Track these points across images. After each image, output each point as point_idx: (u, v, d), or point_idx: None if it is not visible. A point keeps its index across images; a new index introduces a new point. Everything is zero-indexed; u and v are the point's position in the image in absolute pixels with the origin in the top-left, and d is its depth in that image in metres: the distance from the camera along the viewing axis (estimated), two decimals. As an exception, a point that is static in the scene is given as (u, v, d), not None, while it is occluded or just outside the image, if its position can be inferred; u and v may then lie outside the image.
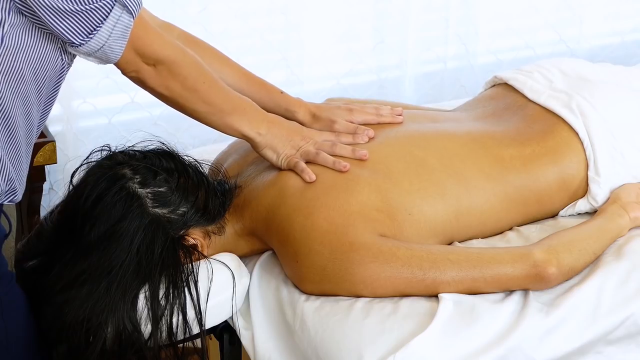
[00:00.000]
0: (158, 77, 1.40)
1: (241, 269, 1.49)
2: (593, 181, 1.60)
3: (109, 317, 1.35)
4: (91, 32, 1.25)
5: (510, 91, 1.77)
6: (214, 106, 1.47)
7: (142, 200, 1.39)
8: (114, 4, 1.26)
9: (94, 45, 1.27)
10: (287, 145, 1.53)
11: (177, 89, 1.42)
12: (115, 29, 1.27)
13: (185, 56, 1.42)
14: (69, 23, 1.23)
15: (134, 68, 1.37)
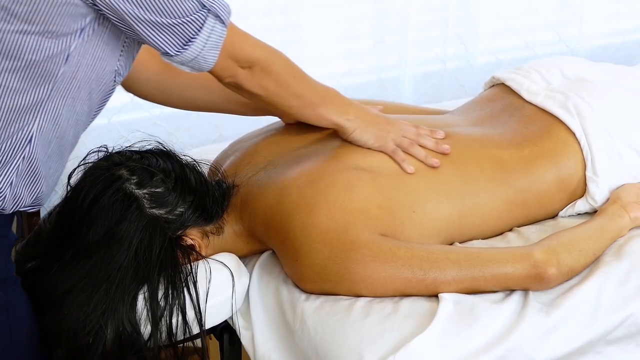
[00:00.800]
0: (253, 78, 1.43)
1: (240, 269, 1.49)
2: (591, 181, 1.60)
3: (108, 319, 1.34)
4: (186, 44, 1.30)
5: (507, 92, 1.77)
6: (305, 99, 1.52)
7: (139, 201, 1.39)
8: (207, 15, 1.30)
9: (189, 56, 1.31)
10: (375, 128, 1.56)
11: (272, 86, 1.46)
12: (209, 39, 1.31)
13: (274, 53, 1.46)
14: (165, 35, 1.28)
15: (231, 74, 1.41)
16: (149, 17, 1.25)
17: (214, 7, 1.30)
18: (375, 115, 1.59)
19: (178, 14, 1.26)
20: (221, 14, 1.31)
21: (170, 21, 1.26)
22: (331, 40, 2.42)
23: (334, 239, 1.39)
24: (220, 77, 1.42)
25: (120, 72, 1.36)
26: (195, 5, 1.28)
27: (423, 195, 1.49)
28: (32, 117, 1.25)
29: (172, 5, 1.26)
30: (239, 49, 1.39)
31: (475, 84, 2.57)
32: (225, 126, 2.32)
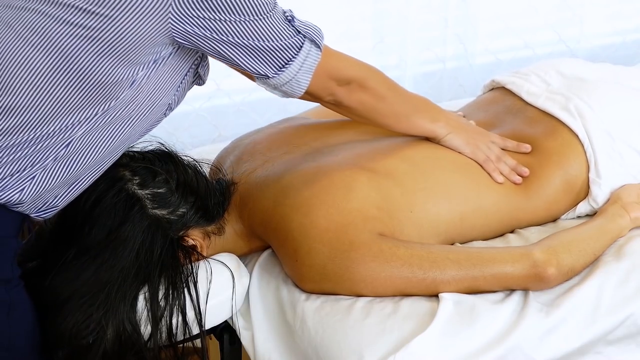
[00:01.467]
0: (352, 95, 1.47)
1: (241, 269, 1.49)
2: (594, 183, 1.60)
3: (109, 319, 1.34)
4: (282, 67, 1.35)
5: (508, 94, 1.78)
6: (400, 111, 1.56)
7: (142, 202, 1.39)
8: (304, 41, 1.35)
9: (284, 78, 1.36)
10: (466, 134, 1.61)
11: (368, 100, 1.50)
12: (305, 63, 1.36)
13: (369, 69, 1.51)
14: (262, 59, 1.33)
15: (330, 92, 1.45)
16: (248, 42, 1.30)
17: (309, 32, 1.36)
18: (464, 122, 1.64)
19: (276, 39, 1.32)
20: (316, 39, 1.37)
21: (269, 45, 1.31)
22: (331, 40, 2.39)
23: (332, 239, 1.39)
24: (319, 97, 1.46)
25: (172, 107, 1.39)
26: (292, 31, 1.34)
27: (421, 196, 1.49)
28: (79, 125, 1.27)
29: (270, 31, 1.31)
30: (335, 69, 1.43)
31: (475, 84, 2.57)
32: (225, 126, 2.33)
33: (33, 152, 1.25)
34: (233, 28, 1.28)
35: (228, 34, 1.28)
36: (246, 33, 1.29)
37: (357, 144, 1.60)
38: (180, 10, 1.23)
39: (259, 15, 1.29)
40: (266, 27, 1.30)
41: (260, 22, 1.29)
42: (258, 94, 2.36)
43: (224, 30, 1.27)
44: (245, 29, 1.28)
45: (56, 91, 1.23)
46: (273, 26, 1.31)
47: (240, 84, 2.32)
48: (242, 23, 1.28)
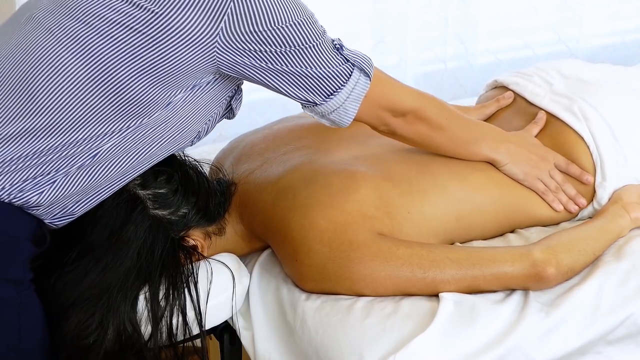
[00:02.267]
0: (407, 126, 1.47)
1: (241, 269, 1.49)
2: (600, 186, 1.60)
3: (110, 319, 1.34)
4: (330, 95, 1.35)
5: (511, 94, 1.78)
6: (458, 139, 1.55)
7: (143, 202, 1.39)
8: (353, 69, 1.36)
9: (332, 106, 1.36)
10: (526, 164, 1.58)
11: (425, 131, 1.49)
12: (353, 91, 1.36)
13: (426, 99, 1.50)
14: (310, 87, 1.33)
15: (384, 122, 1.45)
16: (296, 70, 1.30)
17: (357, 61, 1.37)
18: (528, 152, 1.60)
19: (325, 67, 1.32)
20: (365, 68, 1.37)
21: (317, 72, 1.32)
22: (331, 40, 2.41)
23: (332, 239, 1.39)
24: (374, 126, 1.47)
25: (200, 136, 1.40)
26: (340, 59, 1.35)
27: (417, 198, 1.48)
28: (108, 138, 1.27)
29: (318, 59, 1.31)
30: (388, 99, 1.43)
31: (475, 84, 2.57)
32: (225, 126, 2.31)
33: (59, 159, 1.25)
34: (282, 58, 1.28)
35: (276, 63, 1.28)
36: (295, 62, 1.29)
37: (354, 145, 1.60)
38: (228, 41, 1.24)
39: (308, 43, 1.29)
40: (315, 55, 1.31)
41: (309, 51, 1.30)
42: (258, 94, 2.35)
43: (272, 60, 1.28)
44: (293, 58, 1.29)
45: (89, 101, 1.23)
46: (322, 54, 1.31)
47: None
48: (291, 52, 1.28)
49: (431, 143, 1.52)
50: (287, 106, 2.37)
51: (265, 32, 1.25)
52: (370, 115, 1.42)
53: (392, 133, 1.48)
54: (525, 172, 1.58)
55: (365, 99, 1.38)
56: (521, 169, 1.58)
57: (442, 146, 1.54)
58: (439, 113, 1.50)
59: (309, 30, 1.29)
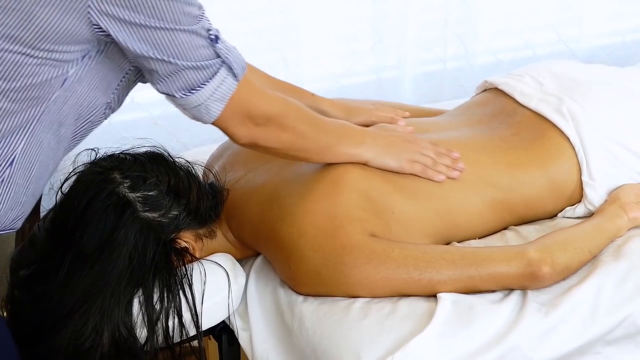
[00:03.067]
0: (270, 134, 1.39)
1: (236, 269, 1.49)
2: (588, 185, 1.60)
3: (105, 324, 1.34)
4: (193, 89, 1.27)
5: (500, 96, 1.77)
6: (323, 144, 1.48)
7: (133, 205, 1.38)
8: (221, 66, 1.28)
9: (193, 102, 1.29)
10: (393, 150, 1.54)
11: (289, 138, 1.42)
12: (217, 90, 1.29)
13: (288, 105, 1.43)
14: (172, 77, 1.25)
15: (247, 133, 1.36)
16: (160, 57, 1.23)
17: (228, 59, 1.29)
18: (390, 136, 1.57)
19: (191, 59, 1.24)
20: (235, 68, 1.30)
21: (182, 64, 1.24)
22: (330, 40, 2.42)
23: (323, 245, 1.38)
24: (234, 135, 1.37)
25: (112, 106, 1.36)
26: (209, 53, 1.26)
27: (395, 199, 1.48)
28: (18, 139, 1.23)
29: (186, 48, 1.23)
30: (254, 105, 1.35)
31: (475, 84, 2.54)
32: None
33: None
34: (149, 35, 1.21)
35: (143, 40, 1.21)
36: (154, 44, 1.21)
37: None
38: (97, 5, 1.17)
39: (176, 25, 1.21)
40: (182, 42, 1.23)
41: (176, 34, 1.22)
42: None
43: (138, 35, 1.21)
44: (160, 38, 1.21)
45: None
46: (190, 41, 1.23)
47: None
48: (159, 31, 1.21)
49: (296, 151, 1.45)
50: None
51: None
52: (233, 121, 1.33)
53: (254, 144, 1.39)
54: (395, 157, 1.53)
55: (231, 102, 1.31)
56: (392, 158, 1.53)
57: (306, 152, 1.47)
58: (302, 119, 1.44)
59: (180, 7, 1.21)
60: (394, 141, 1.56)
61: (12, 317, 1.41)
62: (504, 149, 1.61)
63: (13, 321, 1.40)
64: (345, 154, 1.50)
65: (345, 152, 1.50)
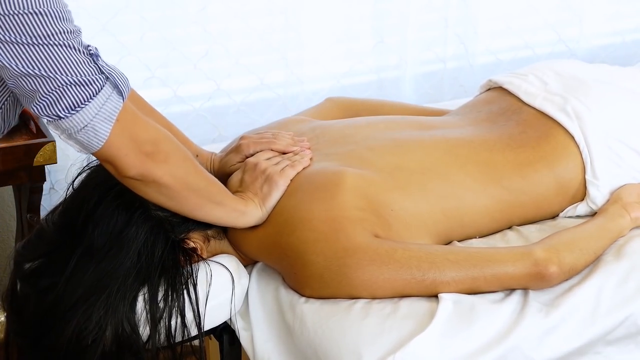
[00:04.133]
0: (160, 166, 1.29)
1: (240, 270, 1.49)
2: (591, 184, 1.60)
3: (109, 320, 1.34)
4: (77, 107, 1.18)
5: (505, 95, 1.77)
6: (212, 190, 1.40)
7: (145, 203, 1.39)
8: (105, 83, 1.20)
9: (77, 122, 1.19)
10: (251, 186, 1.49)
11: (180, 173, 1.33)
12: (103, 108, 1.20)
13: (171, 139, 1.34)
14: (53, 95, 1.17)
15: (137, 162, 1.26)
16: (40, 73, 1.14)
17: (112, 75, 1.21)
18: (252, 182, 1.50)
19: (72, 74, 1.16)
20: (120, 85, 1.22)
21: (64, 79, 1.16)
22: (331, 40, 2.41)
23: (325, 248, 1.38)
24: (124, 169, 1.26)
25: (3, 127, 1.33)
26: (92, 69, 1.19)
27: (397, 196, 1.48)
28: None
29: (66, 62, 1.16)
30: (142, 129, 1.26)
31: (475, 84, 2.55)
32: (225, 126, 2.33)
33: None
34: (18, 53, 1.13)
35: (13, 58, 1.13)
36: (33, 60, 1.13)
37: (327, 143, 1.59)
38: None
39: (51, 39, 1.14)
40: (59, 55, 1.15)
41: (51, 48, 1.14)
42: (258, 94, 2.36)
43: (10, 54, 1.13)
44: (32, 55, 1.13)
45: None
46: (68, 55, 1.16)
47: (240, 84, 2.33)
48: (30, 47, 1.13)
49: (189, 193, 1.35)
50: (287, 105, 2.37)
51: (2, 17, 1.11)
52: (122, 145, 1.23)
53: (143, 177, 1.28)
54: (247, 182, 1.49)
55: (118, 123, 1.21)
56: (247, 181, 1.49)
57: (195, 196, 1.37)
58: (183, 155, 1.35)
59: (53, 23, 1.13)
60: (246, 179, 1.49)
61: (14, 311, 1.41)
62: (514, 148, 1.61)
63: (15, 315, 1.41)
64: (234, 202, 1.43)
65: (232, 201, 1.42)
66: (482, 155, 1.58)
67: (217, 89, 2.29)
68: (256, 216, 1.46)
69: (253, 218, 1.46)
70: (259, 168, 1.50)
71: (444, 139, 1.61)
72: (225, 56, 2.27)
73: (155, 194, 1.33)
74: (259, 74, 2.34)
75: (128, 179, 1.29)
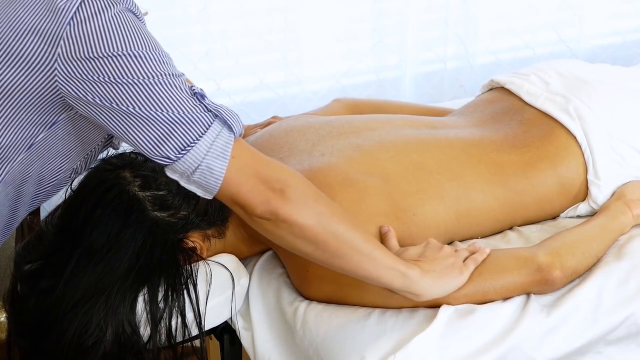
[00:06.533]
0: (291, 204, 1.20)
1: (240, 270, 1.48)
2: (593, 184, 1.60)
3: (109, 321, 1.34)
4: (187, 146, 1.16)
5: (507, 95, 1.77)
6: (358, 242, 1.27)
7: (142, 204, 1.39)
8: (213, 119, 1.17)
9: (191, 163, 1.16)
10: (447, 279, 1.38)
11: (312, 212, 1.22)
12: (214, 145, 1.17)
13: (300, 176, 1.27)
14: (159, 134, 1.15)
15: (263, 199, 1.19)
16: (142, 112, 1.14)
17: (220, 112, 1.18)
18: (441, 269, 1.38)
19: (178, 110, 1.15)
20: (229, 121, 1.18)
21: (168, 117, 1.14)
22: (331, 40, 2.42)
23: None
24: (250, 207, 1.20)
25: (79, 171, 1.34)
26: (198, 107, 1.17)
27: (418, 199, 1.48)
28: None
29: (172, 102, 1.15)
30: (264, 165, 1.21)
31: (475, 84, 2.57)
32: (225, 126, 2.32)
33: None
34: (122, 94, 1.13)
35: (118, 100, 1.13)
36: (138, 101, 1.14)
37: (345, 146, 1.58)
38: (66, 69, 1.12)
39: (153, 79, 1.14)
40: (163, 95, 1.14)
41: (155, 88, 1.14)
42: (258, 94, 2.36)
43: (113, 95, 1.13)
44: (136, 95, 1.13)
45: None
46: (173, 95, 1.15)
47: (241, 84, 2.33)
48: (133, 88, 1.13)
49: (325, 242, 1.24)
50: (287, 105, 2.37)
51: (101, 58, 1.12)
52: (243, 184, 1.18)
53: (275, 215, 1.20)
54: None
55: (235, 161, 1.18)
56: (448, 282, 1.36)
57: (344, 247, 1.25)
58: (324, 200, 1.26)
59: (153, 65, 1.14)
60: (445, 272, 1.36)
61: (15, 312, 1.41)
62: (519, 148, 1.61)
63: (15, 317, 1.41)
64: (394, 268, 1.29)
65: (395, 265, 1.29)
66: (491, 155, 1.58)
67: (217, 89, 2.29)
68: (424, 284, 1.31)
69: (420, 285, 1.30)
70: (444, 251, 1.39)
71: (456, 138, 1.61)
72: (225, 56, 2.27)
73: (290, 236, 1.23)
74: (259, 74, 2.34)
75: (257, 219, 1.22)
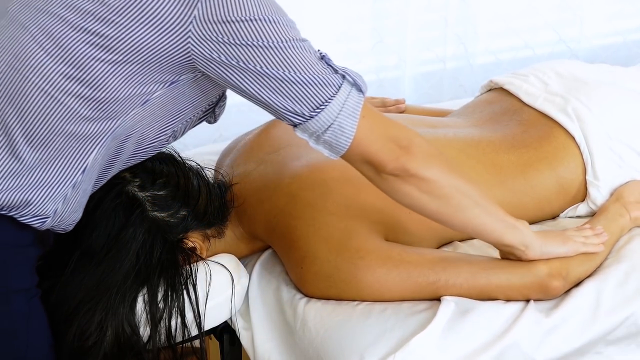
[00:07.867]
0: (418, 160, 1.25)
1: (240, 270, 1.48)
2: (592, 185, 1.60)
3: (109, 321, 1.34)
4: (319, 106, 1.20)
5: (506, 95, 1.77)
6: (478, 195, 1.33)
7: (142, 204, 1.39)
8: (343, 80, 1.22)
9: (323, 121, 1.21)
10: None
11: (440, 167, 1.28)
12: (345, 105, 1.21)
13: (421, 135, 1.31)
14: (293, 94, 1.20)
15: (393, 156, 1.24)
16: (276, 73, 1.18)
17: (347, 73, 1.23)
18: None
19: (309, 72, 1.19)
20: (358, 81, 1.23)
21: (300, 78, 1.19)
22: (330, 40, 2.41)
23: (337, 246, 1.38)
24: (382, 164, 1.25)
25: (176, 135, 1.36)
26: (327, 69, 1.22)
27: None
28: (91, 147, 1.23)
29: (302, 62, 1.19)
30: (391, 125, 1.25)
31: (475, 84, 2.57)
32: (225, 126, 2.32)
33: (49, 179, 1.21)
34: (256, 55, 1.17)
35: (251, 61, 1.17)
36: (271, 62, 1.18)
37: None
38: (201, 30, 1.16)
39: (285, 43, 1.18)
40: (294, 58, 1.19)
41: (286, 51, 1.18)
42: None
43: (247, 57, 1.17)
44: (270, 57, 1.18)
45: (66, 101, 1.18)
46: (302, 58, 1.20)
47: (240, 84, 2.32)
48: (267, 50, 1.18)
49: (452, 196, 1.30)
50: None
51: (237, 22, 1.16)
52: (374, 143, 1.23)
53: (405, 171, 1.25)
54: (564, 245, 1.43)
55: (365, 120, 1.23)
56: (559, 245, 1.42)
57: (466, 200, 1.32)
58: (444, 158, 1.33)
59: (285, 30, 1.19)
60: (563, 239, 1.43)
61: None
62: (518, 148, 1.61)
63: None
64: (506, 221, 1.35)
65: (506, 219, 1.34)
66: (489, 156, 1.58)
67: (217, 89, 2.29)
68: (529, 237, 1.36)
69: (526, 237, 1.36)
70: None
71: (455, 138, 1.61)
72: (225, 56, 2.26)
73: (417, 192, 1.28)
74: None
75: (387, 176, 1.26)
